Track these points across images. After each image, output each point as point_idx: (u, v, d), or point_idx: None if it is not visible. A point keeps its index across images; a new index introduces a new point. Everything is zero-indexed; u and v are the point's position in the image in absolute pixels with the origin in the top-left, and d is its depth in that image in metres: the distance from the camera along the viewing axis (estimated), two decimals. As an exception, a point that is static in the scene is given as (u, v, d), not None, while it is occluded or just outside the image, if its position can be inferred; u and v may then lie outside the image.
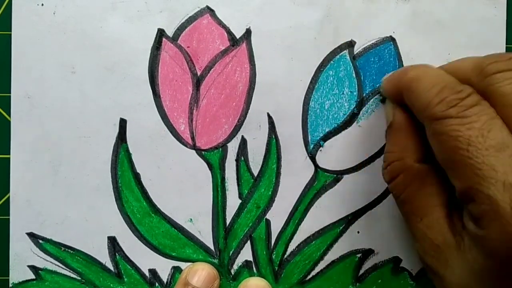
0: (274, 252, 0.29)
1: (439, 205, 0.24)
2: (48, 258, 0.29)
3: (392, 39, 0.29)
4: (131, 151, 0.29)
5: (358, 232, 0.29)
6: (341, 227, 0.29)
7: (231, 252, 0.29)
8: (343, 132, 0.29)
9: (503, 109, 0.21)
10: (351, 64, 0.29)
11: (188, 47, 0.29)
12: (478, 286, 0.21)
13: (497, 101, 0.21)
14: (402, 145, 0.25)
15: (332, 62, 0.29)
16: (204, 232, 0.29)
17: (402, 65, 0.29)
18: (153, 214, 0.29)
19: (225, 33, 0.29)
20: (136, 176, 0.29)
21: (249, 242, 0.29)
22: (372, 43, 0.29)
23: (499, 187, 0.19)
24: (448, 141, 0.21)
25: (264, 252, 0.29)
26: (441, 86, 0.22)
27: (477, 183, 0.20)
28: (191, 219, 0.29)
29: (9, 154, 0.29)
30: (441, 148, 0.22)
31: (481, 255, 0.21)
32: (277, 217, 0.29)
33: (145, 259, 0.29)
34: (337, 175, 0.29)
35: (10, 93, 0.28)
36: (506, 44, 0.29)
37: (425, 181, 0.24)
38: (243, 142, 0.29)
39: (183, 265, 0.29)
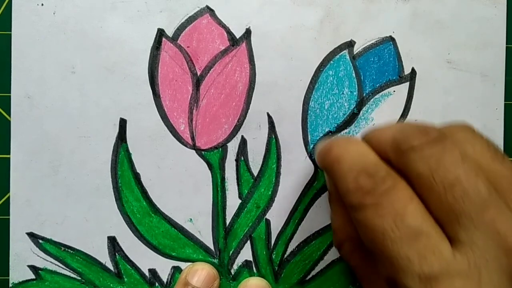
0: (274, 252, 0.29)
1: (382, 277, 0.23)
2: (48, 258, 0.29)
3: (392, 39, 0.29)
4: (131, 151, 0.29)
5: (358, 232, 0.29)
6: (341, 227, 0.29)
7: (231, 252, 0.29)
8: (343, 132, 0.29)
9: (420, 189, 0.20)
10: (351, 64, 0.29)
11: (188, 47, 0.29)
12: None
13: (413, 181, 0.21)
14: (341, 215, 0.25)
15: (332, 62, 0.29)
16: (204, 232, 0.29)
17: (402, 65, 0.29)
18: (153, 214, 0.29)
19: (225, 33, 0.29)
20: (136, 176, 0.29)
21: (249, 242, 0.29)
22: (372, 43, 0.29)
23: (415, 279, 0.19)
24: (365, 231, 0.21)
25: (264, 252, 0.29)
26: (357, 170, 0.21)
27: (395, 274, 0.20)
28: (191, 219, 0.29)
29: (9, 154, 0.29)
30: (362, 236, 0.22)
31: None
32: (277, 217, 0.29)
33: (145, 259, 0.29)
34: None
35: (10, 93, 0.28)
36: (506, 44, 0.29)
37: (366, 252, 0.23)
38: (243, 142, 0.29)
39: (183, 265, 0.29)
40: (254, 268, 0.29)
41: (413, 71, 0.29)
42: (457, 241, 0.19)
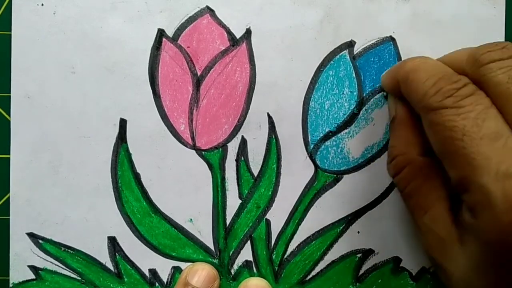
0: (274, 252, 0.29)
1: (443, 198, 0.24)
2: (48, 258, 0.29)
3: (392, 39, 0.29)
4: (131, 151, 0.29)
5: (358, 232, 0.29)
6: (341, 227, 0.29)
7: (231, 252, 0.29)
8: (343, 132, 0.29)
9: (498, 98, 0.21)
10: (351, 64, 0.29)
11: (188, 47, 0.29)
12: (479, 278, 0.21)
13: (491, 91, 0.21)
14: (405, 139, 0.25)
15: (332, 62, 0.29)
16: (204, 232, 0.29)
17: (402, 65, 0.29)
18: (153, 214, 0.29)
19: (225, 33, 0.29)
20: (136, 176, 0.29)
21: (249, 242, 0.29)
22: (372, 43, 0.29)
23: (492, 176, 0.19)
24: (443, 131, 0.21)
25: (264, 252, 0.29)
26: (437, 77, 0.22)
27: (471, 172, 0.20)
28: (191, 219, 0.29)
29: (9, 154, 0.29)
30: (437, 139, 0.22)
31: (477, 246, 0.21)
32: (277, 217, 0.29)
33: (145, 259, 0.29)
34: (337, 175, 0.29)
35: (10, 93, 0.28)
36: (506, 44, 0.30)
37: (429, 174, 0.24)
38: (243, 142, 0.29)
39: (183, 265, 0.29)
40: (254, 268, 0.29)
41: (413, 71, 0.29)
42: None
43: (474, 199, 0.20)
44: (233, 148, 0.29)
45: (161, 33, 0.29)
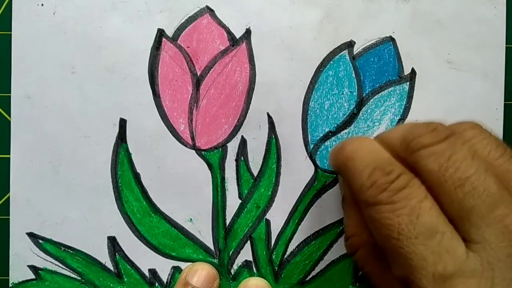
0: (274, 252, 0.29)
1: (397, 281, 0.23)
2: (48, 258, 0.29)
3: (392, 39, 0.29)
4: (131, 151, 0.29)
5: (358, 232, 0.29)
6: (341, 227, 0.29)
7: (231, 252, 0.29)
8: (343, 132, 0.29)
9: (431, 187, 0.20)
10: (350, 64, 0.29)
11: (188, 47, 0.29)
12: None
13: (425, 180, 0.21)
14: (356, 220, 0.25)
15: (332, 62, 0.29)
16: (204, 232, 0.29)
17: (402, 65, 0.29)
18: (153, 214, 0.29)
19: (225, 33, 0.29)
20: (136, 176, 0.29)
21: (249, 242, 0.29)
22: (372, 43, 0.29)
23: (429, 279, 0.19)
24: (380, 229, 0.21)
25: (264, 252, 0.29)
26: (372, 166, 0.21)
27: (410, 273, 0.20)
28: (191, 219, 0.29)
29: (9, 154, 0.29)
30: (376, 234, 0.22)
31: None
32: (277, 217, 0.29)
33: (145, 259, 0.29)
34: (337, 175, 0.29)
35: (10, 93, 0.28)
36: (506, 44, 0.29)
37: (383, 255, 0.23)
38: (243, 142, 0.29)
39: (183, 265, 0.29)
40: (254, 268, 0.29)
41: (413, 71, 0.29)
42: (470, 240, 0.19)
43: None
44: (233, 148, 0.29)
45: (161, 33, 0.29)
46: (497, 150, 0.21)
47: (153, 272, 0.29)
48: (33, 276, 0.29)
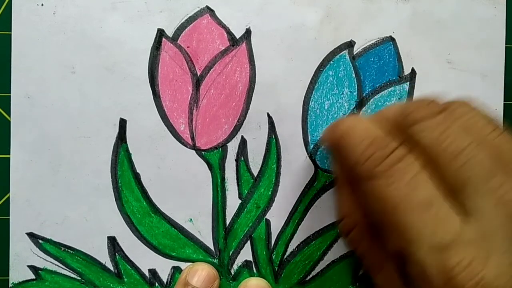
0: (274, 252, 0.29)
1: (391, 259, 0.23)
2: (48, 258, 0.29)
3: (392, 39, 0.29)
4: (131, 151, 0.29)
5: (358, 232, 0.29)
6: (341, 227, 0.29)
7: (231, 252, 0.29)
8: (343, 132, 0.29)
9: (426, 161, 0.21)
10: (351, 64, 0.29)
11: (188, 47, 0.29)
12: None
13: (421, 152, 0.21)
14: (349, 200, 0.25)
15: (332, 62, 0.29)
16: (204, 232, 0.29)
17: (402, 65, 0.29)
18: (153, 214, 0.29)
19: (225, 33, 0.29)
20: (136, 176, 0.29)
21: (249, 242, 0.29)
22: (372, 43, 0.29)
23: (426, 250, 0.19)
24: (376, 203, 0.21)
25: (264, 252, 0.29)
26: (368, 141, 0.22)
27: (406, 246, 0.20)
28: (191, 219, 0.29)
29: (9, 154, 0.29)
30: (371, 209, 0.22)
31: None
32: (277, 217, 0.29)
33: (145, 259, 0.29)
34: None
35: (10, 93, 0.28)
36: (506, 44, 0.30)
37: (376, 234, 0.23)
38: (243, 142, 0.29)
39: (183, 265, 0.29)
40: (254, 268, 0.29)
41: (413, 71, 0.29)
42: (465, 211, 0.19)
43: (412, 272, 0.20)
44: (233, 148, 0.29)
45: (161, 33, 0.29)
46: (488, 126, 0.21)
47: (153, 272, 0.29)
48: (33, 276, 0.29)
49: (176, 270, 0.29)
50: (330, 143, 0.24)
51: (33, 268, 0.29)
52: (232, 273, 0.29)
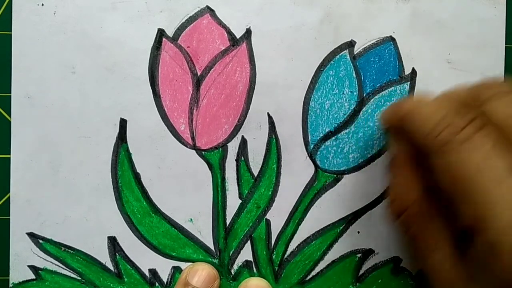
0: (274, 252, 0.29)
1: (448, 237, 0.23)
2: (48, 258, 0.29)
3: (392, 39, 0.29)
4: (131, 151, 0.29)
5: (358, 232, 0.29)
6: (341, 227, 0.29)
7: (231, 252, 0.29)
8: (343, 132, 0.29)
9: (500, 137, 0.20)
10: (351, 64, 0.29)
11: (188, 47, 0.29)
12: None
13: (493, 129, 0.21)
14: (405, 181, 0.25)
15: (332, 62, 0.29)
16: (204, 232, 0.29)
17: (402, 65, 0.29)
18: (153, 214, 0.29)
19: (225, 33, 0.29)
20: (136, 176, 0.29)
21: (249, 242, 0.29)
22: (372, 43, 0.29)
23: (500, 224, 0.19)
24: (450, 173, 0.20)
25: (264, 252, 0.29)
26: (442, 113, 0.22)
27: (481, 216, 0.19)
28: (191, 219, 0.29)
29: (9, 154, 0.29)
30: (444, 180, 0.21)
31: (489, 284, 0.20)
32: (277, 217, 0.29)
33: (145, 259, 0.29)
34: (337, 175, 0.29)
35: (10, 93, 0.28)
36: (506, 44, 0.30)
37: (431, 215, 0.23)
38: (243, 142, 0.29)
39: (183, 265, 0.29)
40: (254, 268, 0.29)
41: (414, 71, 0.29)
42: None
43: (485, 243, 0.19)
44: (233, 148, 0.29)
45: (161, 33, 0.29)
46: None
47: (153, 272, 0.29)
48: (33, 276, 0.29)
49: (176, 270, 0.29)
50: (393, 121, 0.24)
51: (33, 268, 0.29)
52: (232, 273, 0.29)
